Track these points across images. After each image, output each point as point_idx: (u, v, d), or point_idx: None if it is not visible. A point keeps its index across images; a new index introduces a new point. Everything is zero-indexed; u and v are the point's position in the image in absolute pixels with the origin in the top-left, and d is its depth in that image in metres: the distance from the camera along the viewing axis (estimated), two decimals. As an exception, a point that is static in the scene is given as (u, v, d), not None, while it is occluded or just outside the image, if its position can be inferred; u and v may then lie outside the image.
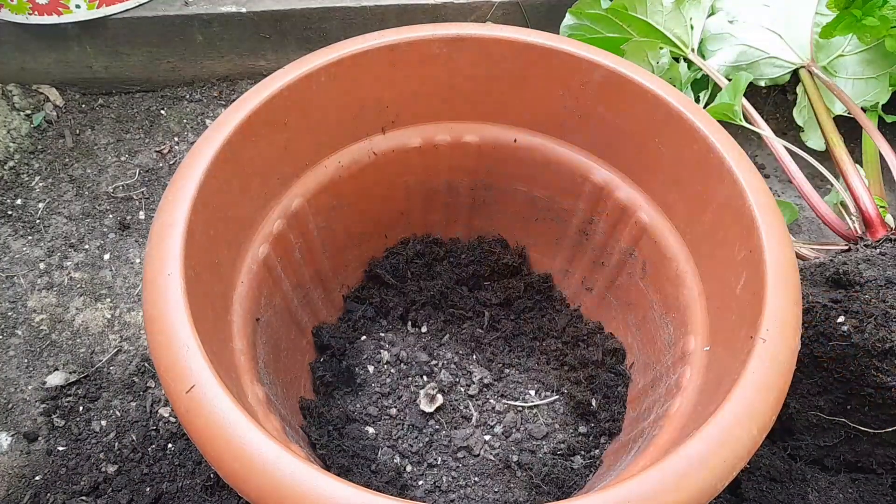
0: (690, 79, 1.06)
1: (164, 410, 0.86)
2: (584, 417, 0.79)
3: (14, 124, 1.13)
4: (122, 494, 0.79)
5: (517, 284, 0.89)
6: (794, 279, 0.56)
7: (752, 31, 1.05)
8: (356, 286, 0.90)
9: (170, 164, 1.13)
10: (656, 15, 1.02)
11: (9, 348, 0.92)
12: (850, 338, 0.67)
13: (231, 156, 0.62)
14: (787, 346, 0.52)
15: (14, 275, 0.99)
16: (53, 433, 0.84)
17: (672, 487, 0.45)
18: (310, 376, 0.81)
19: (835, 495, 0.72)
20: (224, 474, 0.46)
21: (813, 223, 1.10)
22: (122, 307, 0.96)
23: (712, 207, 0.66)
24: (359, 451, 0.73)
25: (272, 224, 0.71)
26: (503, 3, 1.19)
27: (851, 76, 1.02)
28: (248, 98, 0.65)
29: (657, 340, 0.75)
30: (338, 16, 1.16)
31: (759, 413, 0.49)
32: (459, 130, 0.81)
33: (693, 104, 0.67)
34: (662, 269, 0.74)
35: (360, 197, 0.81)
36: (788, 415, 0.74)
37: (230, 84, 1.24)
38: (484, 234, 0.92)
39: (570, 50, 0.71)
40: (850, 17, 0.95)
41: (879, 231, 0.77)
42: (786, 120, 1.23)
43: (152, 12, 1.12)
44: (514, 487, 0.74)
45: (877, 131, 0.86)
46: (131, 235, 1.04)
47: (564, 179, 0.82)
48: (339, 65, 0.70)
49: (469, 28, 0.73)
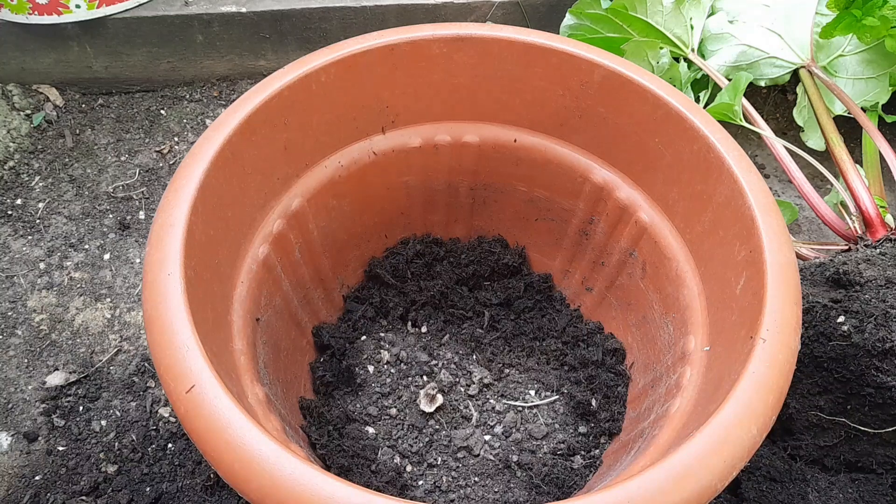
0: (690, 79, 1.06)
1: (164, 410, 0.86)
2: (584, 417, 0.79)
3: (14, 124, 1.13)
4: (122, 494, 0.79)
5: (517, 284, 0.89)
6: (794, 279, 0.56)
7: (752, 31, 1.05)
8: (356, 286, 0.90)
9: (170, 164, 1.13)
10: (656, 15, 1.02)
11: (9, 348, 0.92)
12: (850, 338, 0.67)
13: (231, 156, 0.62)
14: (787, 346, 0.52)
15: (14, 275, 0.99)
16: (53, 433, 0.84)
17: (672, 487, 0.45)
18: (310, 376, 0.81)
19: (835, 495, 0.72)
20: (224, 474, 0.46)
21: (813, 223, 1.10)
22: (122, 307, 0.96)
23: (712, 207, 0.66)
24: (359, 451, 0.73)
25: (272, 224, 0.71)
26: (503, 3, 1.19)
27: (851, 76, 1.02)
28: (248, 98, 0.65)
29: (657, 340, 0.75)
30: (338, 16, 1.16)
31: (759, 413, 0.49)
32: (459, 130, 0.81)
33: (693, 104, 0.67)
34: (662, 269, 0.74)
35: (360, 197, 0.81)
36: (788, 415, 0.74)
37: (230, 84, 1.24)
38: (484, 234, 0.92)
39: (570, 50, 0.71)
40: (850, 17, 0.95)
41: (879, 231, 0.77)
42: (786, 120, 1.23)
43: (152, 12, 1.12)
44: (514, 487, 0.74)
45: (877, 131, 0.86)
46: (131, 235, 1.04)
47: (564, 179, 0.82)
48: (339, 65, 0.70)
49: (469, 28, 0.73)
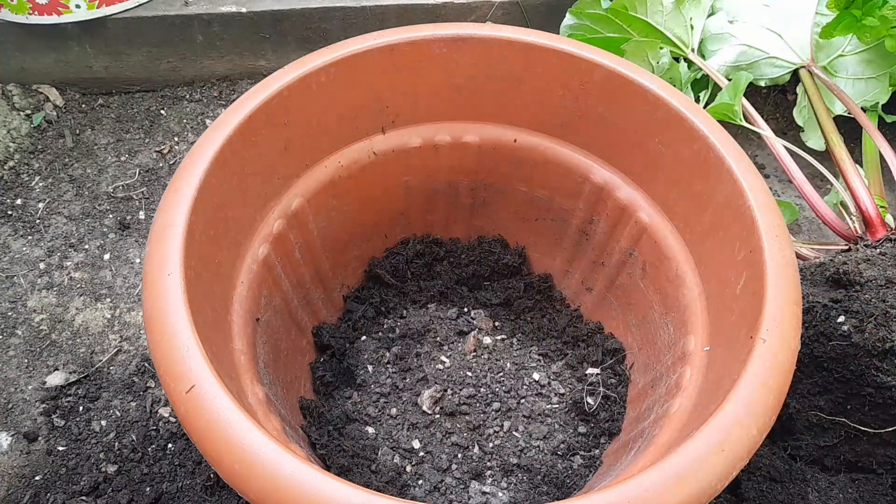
0: (690, 79, 1.06)
1: (164, 410, 0.86)
2: (583, 417, 0.79)
3: (14, 124, 1.13)
4: (122, 494, 0.79)
5: (517, 284, 0.89)
6: (794, 279, 0.56)
7: (752, 31, 1.05)
8: (356, 286, 0.90)
9: (170, 164, 1.13)
10: (656, 15, 1.02)
11: (9, 348, 0.92)
12: (850, 338, 0.67)
13: (231, 156, 0.62)
14: (787, 346, 0.52)
15: (14, 275, 0.99)
16: (53, 433, 0.84)
17: (672, 487, 0.45)
18: (310, 376, 0.81)
19: (835, 495, 0.72)
20: (224, 474, 0.46)
21: (813, 223, 1.10)
22: (122, 307, 0.96)
23: (712, 207, 0.66)
24: (359, 451, 0.73)
25: (272, 224, 0.71)
26: (503, 3, 1.19)
27: (851, 76, 1.02)
28: (248, 98, 0.65)
29: (657, 340, 0.75)
30: (338, 16, 1.16)
31: (759, 413, 0.49)
32: (459, 130, 0.81)
33: (693, 104, 0.67)
34: (662, 269, 0.74)
35: (360, 197, 0.81)
36: (788, 415, 0.74)
37: (230, 84, 1.24)
38: (484, 234, 0.92)
39: (570, 50, 0.71)
40: (850, 17, 0.95)
41: (879, 231, 0.77)
42: (786, 120, 1.23)
43: (152, 12, 1.12)
44: (514, 487, 0.74)
45: (877, 131, 0.86)
46: (131, 235, 1.04)
47: (564, 179, 0.82)
48: (339, 65, 0.70)
49: (469, 28, 0.73)
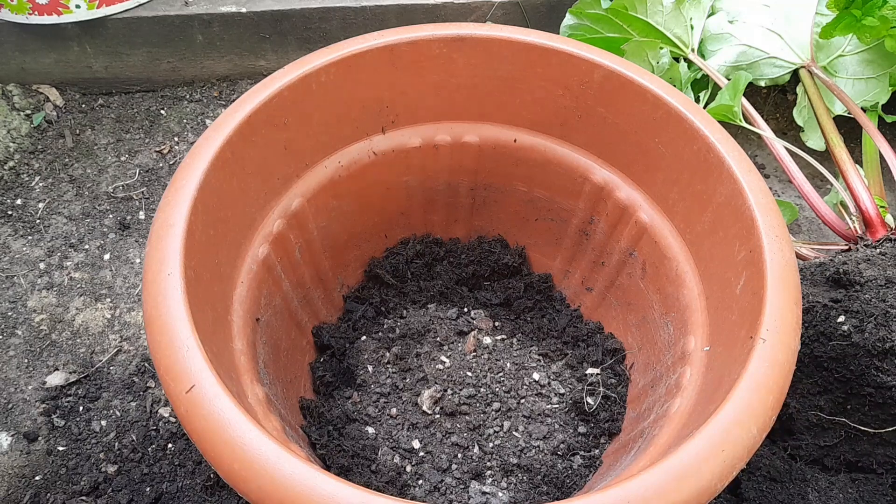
0: (690, 79, 1.06)
1: (164, 410, 0.86)
2: (583, 417, 0.79)
3: (14, 124, 1.13)
4: (122, 494, 0.79)
5: (517, 284, 0.89)
6: (794, 279, 0.56)
7: (752, 31, 1.05)
8: (356, 286, 0.90)
9: (170, 164, 1.13)
10: (656, 15, 1.02)
11: (9, 348, 0.92)
12: (850, 337, 0.67)
13: (231, 156, 0.62)
14: (787, 346, 0.52)
15: (14, 275, 0.99)
16: (53, 433, 0.84)
17: (672, 487, 0.45)
18: (310, 376, 0.81)
19: (835, 495, 0.72)
20: (224, 474, 0.46)
21: (813, 223, 1.10)
22: (122, 307, 0.96)
23: (712, 207, 0.66)
24: (359, 451, 0.73)
25: (272, 224, 0.71)
26: (503, 3, 1.19)
27: (851, 76, 1.02)
28: (248, 98, 0.65)
29: (657, 340, 0.75)
30: (338, 16, 1.16)
31: (759, 413, 0.49)
32: (459, 130, 0.81)
33: (693, 104, 0.67)
34: (662, 269, 0.74)
35: (360, 197, 0.81)
36: (788, 415, 0.74)
37: (230, 84, 1.24)
38: (484, 234, 0.92)
39: (570, 50, 0.71)
40: (850, 17, 0.95)
41: (879, 231, 0.77)
42: (786, 120, 1.23)
43: (152, 12, 1.12)
44: (515, 487, 0.74)
45: (877, 131, 0.86)
46: (131, 235, 1.04)
47: (564, 179, 0.82)
48: (339, 65, 0.70)
49: (469, 28, 0.73)
